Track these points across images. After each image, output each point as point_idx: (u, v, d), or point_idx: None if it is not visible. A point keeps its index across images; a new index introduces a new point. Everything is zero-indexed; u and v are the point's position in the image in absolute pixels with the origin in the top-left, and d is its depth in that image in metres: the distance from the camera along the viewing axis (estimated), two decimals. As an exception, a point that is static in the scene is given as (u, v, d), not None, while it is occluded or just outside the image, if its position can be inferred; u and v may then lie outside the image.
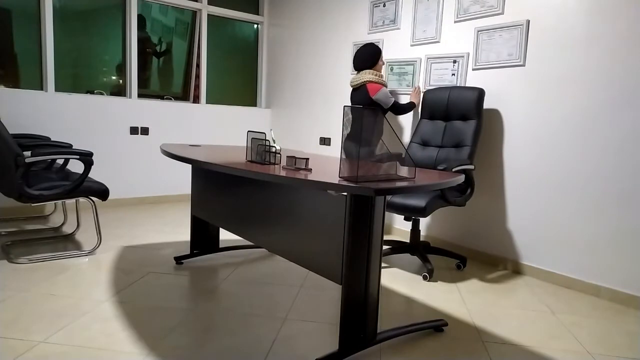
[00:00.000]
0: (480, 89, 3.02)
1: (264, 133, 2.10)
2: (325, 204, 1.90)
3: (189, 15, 4.92)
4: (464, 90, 3.10)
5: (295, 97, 4.95)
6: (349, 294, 1.81)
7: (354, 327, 1.84)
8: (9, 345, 1.78)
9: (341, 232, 1.82)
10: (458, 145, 3.06)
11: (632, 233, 2.52)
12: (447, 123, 3.17)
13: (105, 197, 2.93)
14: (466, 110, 3.05)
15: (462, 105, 3.07)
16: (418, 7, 3.60)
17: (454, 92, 3.14)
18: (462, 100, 3.07)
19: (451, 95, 3.15)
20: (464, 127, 3.05)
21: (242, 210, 2.44)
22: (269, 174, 1.71)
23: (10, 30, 3.90)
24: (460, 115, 3.10)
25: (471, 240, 3.30)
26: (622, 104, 2.55)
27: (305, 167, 1.88)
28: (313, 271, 2.01)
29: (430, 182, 1.69)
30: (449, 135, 3.12)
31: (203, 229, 3.01)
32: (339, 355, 1.80)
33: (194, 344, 1.86)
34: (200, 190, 2.84)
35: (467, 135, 3.01)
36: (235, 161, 2.07)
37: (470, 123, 3.03)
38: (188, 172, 4.83)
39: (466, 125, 3.04)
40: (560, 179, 2.82)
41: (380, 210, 1.85)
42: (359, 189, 1.47)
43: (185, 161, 2.17)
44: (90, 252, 2.96)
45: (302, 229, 2.04)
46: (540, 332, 2.16)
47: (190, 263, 2.86)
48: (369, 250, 1.83)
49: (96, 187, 2.88)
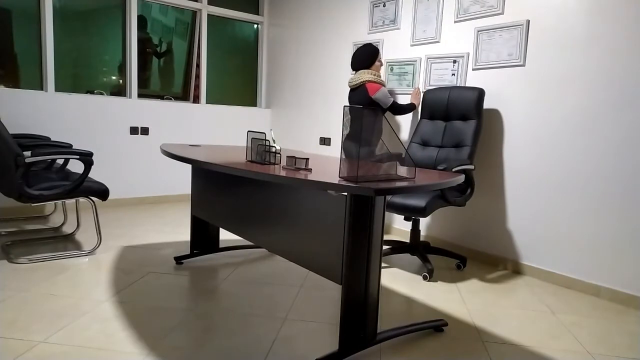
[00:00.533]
0: (480, 89, 3.02)
1: (264, 133, 2.10)
2: (325, 204, 1.90)
3: (189, 15, 4.92)
4: (464, 90, 3.10)
5: (295, 97, 4.95)
6: (349, 293, 1.81)
7: (354, 327, 1.84)
8: (9, 345, 1.78)
9: (341, 232, 1.82)
10: (458, 145, 3.06)
11: (632, 233, 2.52)
12: (447, 123, 3.17)
13: (105, 197, 2.93)
14: (466, 110, 3.05)
15: (462, 105, 3.07)
16: (418, 7, 3.60)
17: (454, 92, 3.14)
18: (462, 100, 3.07)
19: (451, 95, 3.15)
20: (464, 127, 3.05)
21: (242, 210, 2.44)
22: (269, 174, 1.71)
23: (10, 30, 3.90)
24: (460, 115, 3.10)
25: (471, 240, 3.30)
26: (622, 104, 2.55)
27: (305, 167, 1.88)
28: (313, 271, 2.01)
29: (430, 182, 1.69)
30: (449, 135, 3.12)
31: (203, 229, 3.01)
32: (339, 355, 1.80)
33: (194, 344, 1.86)
34: (200, 190, 2.84)
35: (467, 135, 3.01)
36: (236, 161, 2.07)
37: (470, 123, 3.02)
38: (188, 172, 4.83)
39: (466, 125, 3.04)
40: (561, 179, 2.82)
41: (380, 210, 1.85)
42: (359, 189, 1.47)
43: (186, 161, 2.17)
44: (90, 252, 2.96)
45: (302, 229, 2.04)
46: (540, 332, 2.16)
47: (190, 263, 2.86)
48: (369, 250, 1.83)
49: (96, 187, 2.88)
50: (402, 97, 3.76)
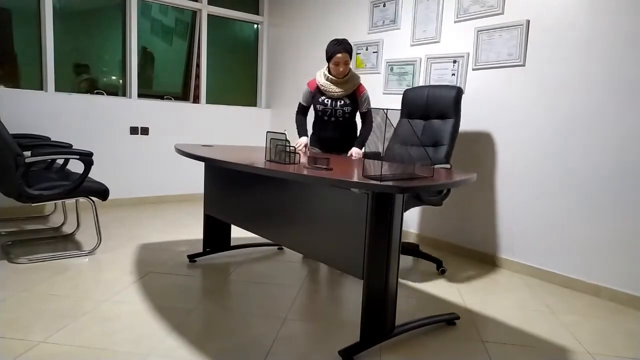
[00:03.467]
0: (459, 87, 2.99)
1: (284, 134, 2.13)
2: (346, 202, 1.96)
3: (189, 15, 4.92)
4: (442, 88, 3.06)
5: (295, 97, 4.95)
6: (369, 287, 1.88)
7: (374, 319, 1.91)
8: (8, 345, 1.78)
9: (362, 229, 1.89)
10: (436, 145, 3.01)
11: (632, 233, 2.52)
12: (426, 122, 3.13)
13: (105, 197, 2.93)
14: (444, 109, 3.00)
15: (440, 103, 3.02)
16: (418, 7, 3.60)
17: (432, 91, 3.10)
18: (440, 99, 3.03)
19: (430, 93, 3.10)
20: (442, 126, 3.01)
21: (261, 209, 2.48)
22: (297, 173, 1.77)
23: (10, 30, 3.90)
24: (438, 114, 3.05)
25: (471, 241, 3.30)
26: (622, 103, 2.54)
27: (327, 167, 1.94)
28: (333, 267, 2.09)
29: (448, 181, 1.79)
30: (428, 135, 3.08)
31: (215, 228, 3.05)
32: (361, 346, 1.86)
33: (194, 344, 1.86)
34: (215, 190, 2.87)
35: (445, 134, 2.96)
36: (254, 161, 2.11)
37: (449, 122, 2.98)
38: (187, 172, 4.83)
39: (444, 124, 3.00)
40: (560, 179, 2.81)
41: (400, 208, 1.91)
42: (384, 187, 1.56)
43: (207, 162, 2.22)
44: (90, 252, 2.96)
45: (322, 226, 2.10)
46: (540, 332, 2.16)
47: (190, 263, 2.86)
48: (389, 246, 1.89)
49: (96, 187, 2.88)
50: (400, 98, 3.75)
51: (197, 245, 3.24)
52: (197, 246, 3.22)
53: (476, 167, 3.26)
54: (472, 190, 3.29)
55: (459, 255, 3.34)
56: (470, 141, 3.28)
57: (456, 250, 3.38)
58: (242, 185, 2.63)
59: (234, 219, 2.73)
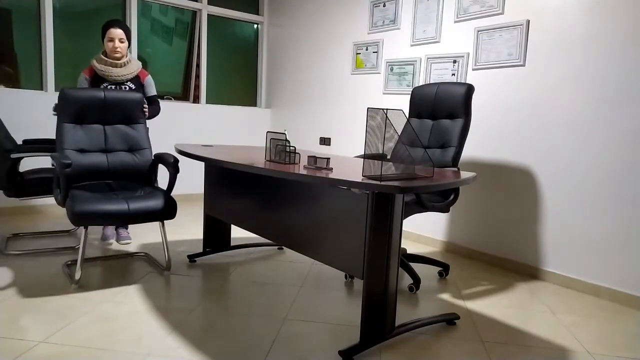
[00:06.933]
0: (469, 84, 2.80)
1: (284, 133, 2.13)
2: (346, 202, 1.97)
3: (189, 15, 4.92)
4: (451, 86, 2.87)
5: (295, 97, 4.95)
6: (369, 287, 1.87)
7: (374, 319, 1.91)
8: (8, 345, 1.78)
9: (362, 229, 1.89)
10: (444, 146, 2.82)
11: (632, 233, 2.52)
12: (435, 122, 2.94)
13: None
14: (454, 108, 2.81)
15: (450, 102, 2.83)
16: (418, 7, 3.60)
17: (441, 88, 2.90)
18: (449, 97, 2.84)
19: (439, 91, 2.91)
20: (451, 126, 2.81)
21: (261, 210, 2.49)
22: (297, 173, 1.77)
23: (10, 30, 3.90)
24: (447, 113, 2.86)
25: (470, 241, 3.30)
26: (622, 103, 2.54)
27: (327, 167, 1.94)
28: (333, 266, 2.08)
29: (449, 181, 1.77)
30: (436, 135, 2.89)
31: (215, 228, 3.05)
32: (361, 347, 1.85)
33: (194, 344, 1.86)
34: (215, 190, 2.87)
35: (454, 135, 2.76)
36: (254, 161, 2.12)
37: (458, 122, 2.78)
38: (187, 172, 4.82)
39: (453, 124, 2.81)
40: (560, 179, 2.81)
41: (400, 208, 1.91)
42: (385, 187, 1.55)
43: (207, 161, 2.23)
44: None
45: (322, 226, 2.11)
46: (540, 332, 2.16)
47: (190, 263, 2.86)
48: (388, 246, 1.89)
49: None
50: (401, 97, 3.76)
51: (197, 245, 3.24)
52: (197, 246, 3.22)
53: (475, 167, 3.26)
54: (470, 190, 3.29)
55: (459, 255, 3.35)
56: (470, 141, 3.28)
57: (455, 249, 3.38)
58: (242, 185, 2.63)
59: (234, 219, 2.73)
